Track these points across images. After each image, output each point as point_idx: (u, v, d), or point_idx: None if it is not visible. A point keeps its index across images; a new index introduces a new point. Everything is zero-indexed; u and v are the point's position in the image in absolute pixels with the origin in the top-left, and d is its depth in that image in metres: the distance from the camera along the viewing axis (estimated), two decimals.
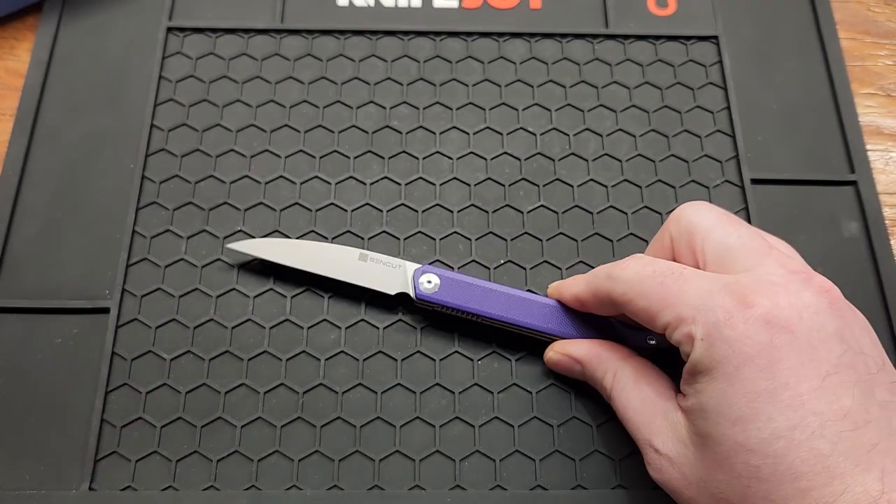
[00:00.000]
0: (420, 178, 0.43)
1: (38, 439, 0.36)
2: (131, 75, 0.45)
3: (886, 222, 0.42)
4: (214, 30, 0.46)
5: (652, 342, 0.36)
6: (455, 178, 0.43)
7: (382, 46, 0.46)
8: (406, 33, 0.47)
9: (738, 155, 0.43)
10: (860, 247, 0.41)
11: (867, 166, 0.43)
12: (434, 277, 0.38)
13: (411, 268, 0.38)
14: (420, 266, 0.38)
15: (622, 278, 0.32)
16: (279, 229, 0.41)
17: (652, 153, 0.44)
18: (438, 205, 0.42)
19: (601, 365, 0.35)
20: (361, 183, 0.42)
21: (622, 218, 0.42)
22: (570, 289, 0.36)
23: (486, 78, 0.46)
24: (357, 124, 0.44)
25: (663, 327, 0.31)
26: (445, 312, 0.38)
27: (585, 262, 0.41)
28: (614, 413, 0.37)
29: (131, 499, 0.35)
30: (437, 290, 0.37)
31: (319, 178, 0.42)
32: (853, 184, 0.43)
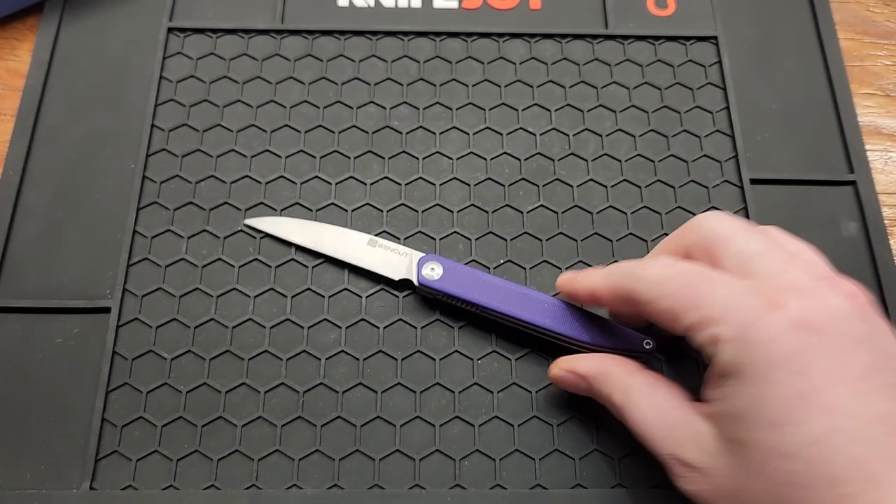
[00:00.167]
0: (420, 178, 0.43)
1: (39, 439, 0.36)
2: (132, 75, 0.45)
3: (885, 222, 0.42)
4: (215, 30, 0.47)
5: (648, 346, 0.36)
6: (455, 178, 0.43)
7: (382, 47, 0.46)
8: (406, 34, 0.47)
9: (738, 155, 0.43)
10: (859, 247, 0.41)
11: (866, 166, 0.43)
12: (438, 266, 0.38)
13: (416, 256, 0.39)
14: (425, 255, 0.39)
15: (646, 277, 0.31)
16: None
17: (651, 153, 0.44)
18: (438, 205, 0.42)
19: (608, 381, 0.34)
20: (362, 183, 0.43)
21: (622, 218, 0.42)
22: (585, 282, 0.35)
23: (486, 78, 0.46)
24: (357, 124, 0.44)
25: (687, 329, 0.30)
26: (447, 302, 0.39)
27: (585, 262, 0.41)
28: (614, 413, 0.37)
29: (132, 498, 0.35)
30: (440, 279, 0.38)
31: (320, 178, 0.43)
32: (852, 184, 0.43)
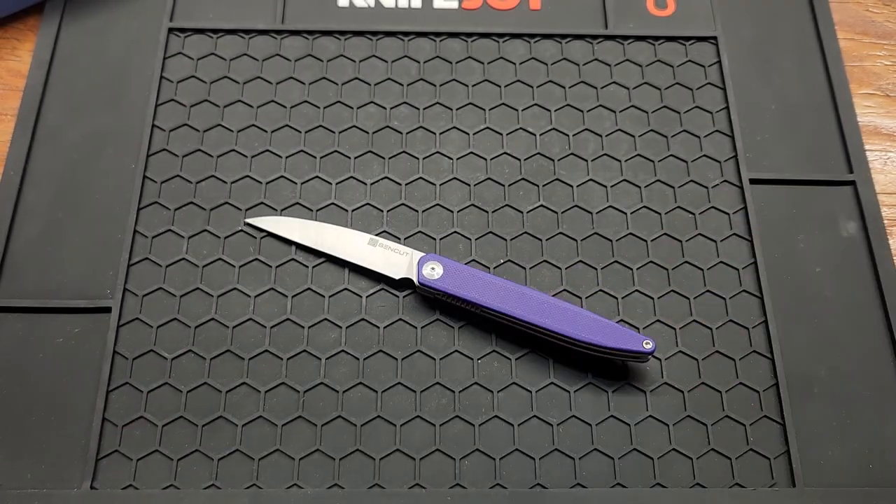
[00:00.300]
0: (420, 178, 0.43)
1: (40, 438, 0.36)
2: (132, 76, 0.45)
3: (885, 222, 0.42)
4: (215, 30, 0.47)
5: (648, 346, 0.36)
6: (455, 178, 0.43)
7: (383, 47, 0.46)
8: (406, 34, 0.47)
9: (737, 155, 0.44)
10: (859, 246, 0.42)
11: (866, 166, 0.43)
12: (438, 265, 0.38)
13: (417, 255, 0.39)
14: (426, 254, 0.39)
15: None
16: None
17: (651, 153, 0.44)
18: (438, 205, 0.42)
19: None
20: (362, 183, 0.43)
21: (621, 218, 0.42)
22: None
23: (486, 78, 0.46)
24: (357, 124, 0.44)
25: None
26: (447, 302, 0.39)
27: (585, 262, 0.41)
28: (613, 412, 0.37)
29: (132, 497, 0.35)
30: (440, 278, 0.38)
31: (320, 178, 0.43)
32: (852, 184, 0.43)
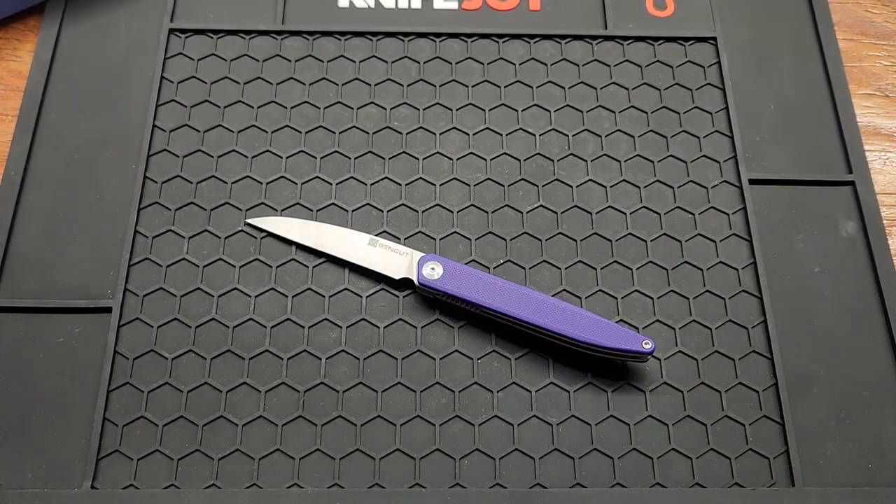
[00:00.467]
0: (420, 179, 0.43)
1: (41, 438, 0.36)
2: (133, 76, 0.45)
3: (884, 222, 0.42)
4: (216, 31, 0.47)
5: (647, 346, 0.36)
6: (455, 178, 0.43)
7: (383, 47, 0.47)
8: (406, 34, 0.47)
9: (737, 155, 0.44)
10: (858, 246, 0.42)
11: (865, 166, 0.44)
12: (438, 266, 0.38)
13: (417, 255, 0.39)
14: (426, 254, 0.39)
15: None
16: None
17: (650, 153, 0.44)
18: (438, 205, 0.42)
19: None
20: (362, 183, 0.43)
21: (621, 218, 0.42)
22: None
23: (486, 79, 0.46)
24: (357, 125, 0.44)
25: None
26: (447, 302, 0.39)
27: (584, 262, 0.41)
28: (613, 412, 0.37)
29: (133, 497, 0.35)
30: (440, 278, 0.38)
31: (320, 179, 0.43)
32: (851, 184, 0.43)
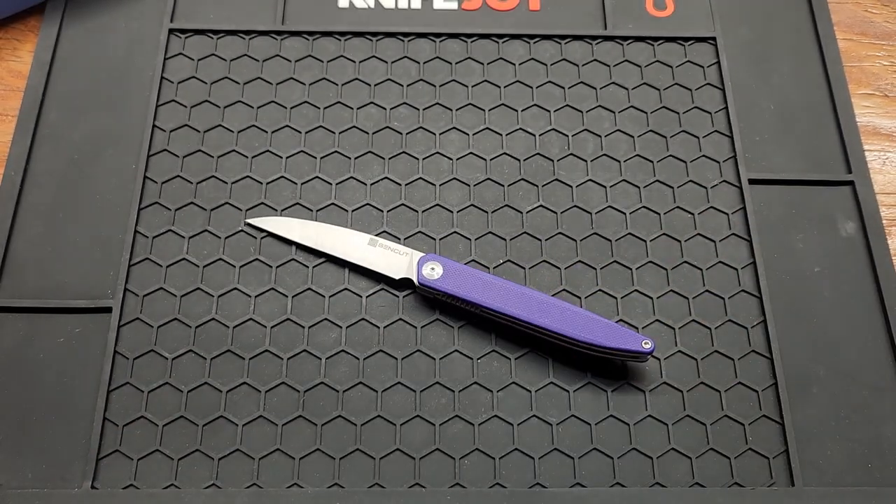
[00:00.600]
0: (420, 179, 0.43)
1: (41, 438, 0.36)
2: (133, 76, 0.45)
3: (884, 222, 0.42)
4: (216, 31, 0.47)
5: (647, 346, 0.36)
6: (455, 178, 0.43)
7: (383, 47, 0.47)
8: (406, 35, 0.47)
9: (736, 155, 0.44)
10: (857, 246, 0.42)
11: (864, 166, 0.44)
12: (438, 266, 0.38)
13: (417, 255, 0.39)
14: (425, 254, 0.39)
15: None
16: None
17: (650, 153, 0.44)
18: (438, 205, 0.42)
19: None
20: (362, 183, 0.43)
21: (621, 218, 0.42)
22: None
23: (486, 79, 0.46)
24: (357, 125, 0.44)
25: None
26: (447, 302, 0.39)
27: (584, 262, 0.41)
28: (613, 411, 0.37)
29: (133, 497, 0.35)
30: (440, 278, 0.38)
31: (320, 179, 0.43)
32: (850, 184, 0.43)
